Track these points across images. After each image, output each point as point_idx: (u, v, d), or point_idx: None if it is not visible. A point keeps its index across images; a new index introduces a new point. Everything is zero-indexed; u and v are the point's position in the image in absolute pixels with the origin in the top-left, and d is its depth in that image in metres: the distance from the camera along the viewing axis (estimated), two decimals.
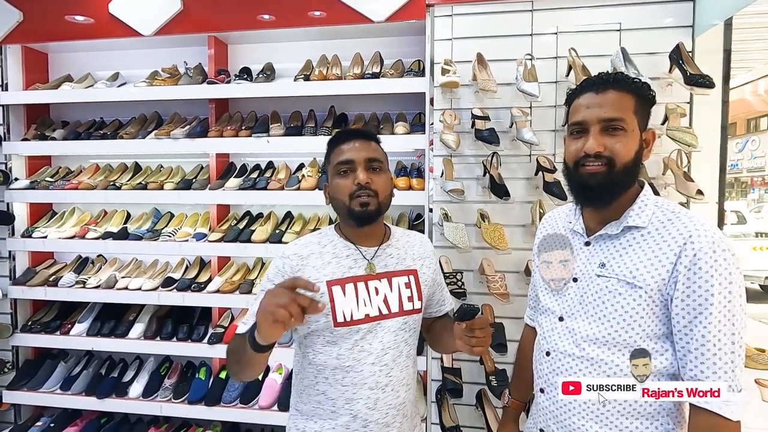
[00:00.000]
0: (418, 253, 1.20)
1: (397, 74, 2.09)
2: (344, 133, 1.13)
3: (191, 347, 2.23)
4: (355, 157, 1.06)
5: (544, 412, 1.07)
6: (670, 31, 1.84)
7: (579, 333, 0.99)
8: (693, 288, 0.87)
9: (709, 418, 0.85)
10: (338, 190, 1.07)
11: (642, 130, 0.97)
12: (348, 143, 1.09)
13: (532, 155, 1.94)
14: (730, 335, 0.85)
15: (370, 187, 1.05)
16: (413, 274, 1.15)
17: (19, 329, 2.39)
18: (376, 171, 1.08)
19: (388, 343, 1.08)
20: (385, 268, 1.12)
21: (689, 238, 0.89)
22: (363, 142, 1.10)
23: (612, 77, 0.97)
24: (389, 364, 1.08)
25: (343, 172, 1.07)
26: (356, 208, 1.04)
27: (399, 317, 1.10)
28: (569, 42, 1.88)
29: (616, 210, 0.99)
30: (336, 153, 1.10)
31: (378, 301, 1.08)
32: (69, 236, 2.32)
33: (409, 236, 1.24)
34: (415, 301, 1.13)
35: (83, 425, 2.36)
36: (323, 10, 2.06)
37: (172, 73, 2.30)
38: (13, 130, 2.44)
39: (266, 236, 2.17)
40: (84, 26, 2.27)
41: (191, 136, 2.23)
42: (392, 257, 1.14)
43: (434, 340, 1.28)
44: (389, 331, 1.08)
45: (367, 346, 1.06)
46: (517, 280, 1.95)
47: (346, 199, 1.05)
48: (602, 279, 0.97)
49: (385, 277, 1.10)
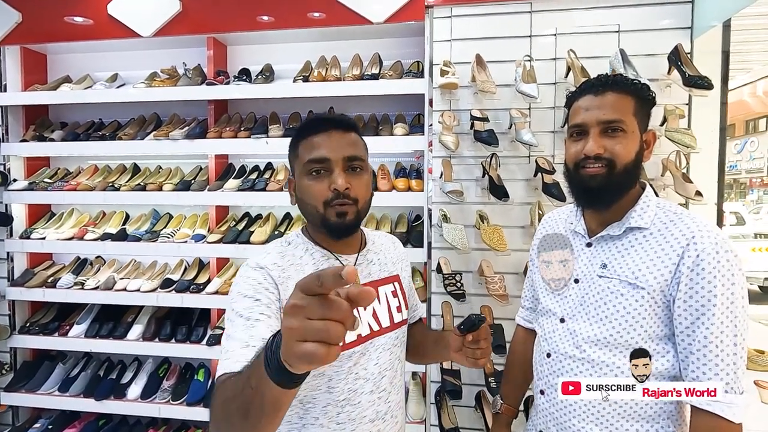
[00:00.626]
0: (395, 256, 1.09)
1: (396, 75, 2.09)
2: (317, 120, 0.91)
3: (190, 349, 2.22)
4: (332, 156, 0.86)
5: (544, 414, 1.07)
6: (669, 33, 1.84)
7: (580, 334, 0.99)
8: (696, 289, 0.87)
9: (711, 420, 0.85)
10: (309, 195, 0.88)
11: (642, 132, 0.97)
12: (322, 135, 0.88)
13: (531, 156, 1.94)
14: (732, 337, 0.85)
15: (349, 194, 0.87)
16: (397, 280, 1.04)
17: (18, 331, 2.38)
18: (356, 171, 0.90)
19: (384, 364, 0.94)
20: (369, 277, 0.97)
21: (692, 239, 0.89)
22: (341, 133, 0.89)
23: (611, 79, 0.97)
24: (387, 388, 0.94)
25: (316, 172, 0.87)
26: (332, 218, 0.87)
27: (391, 332, 0.97)
28: (568, 43, 1.88)
29: (618, 211, 1.00)
30: (306, 146, 0.89)
31: (367, 316, 0.93)
32: (67, 237, 2.32)
33: (380, 237, 1.10)
34: (403, 311, 1.02)
35: (81, 427, 2.35)
36: (322, 11, 2.06)
37: (171, 75, 2.30)
38: (12, 131, 2.44)
39: (265, 237, 2.16)
40: (83, 27, 2.27)
41: (190, 137, 2.22)
42: (374, 264, 1.01)
43: (413, 350, 1.12)
44: (384, 350, 0.95)
45: (362, 372, 0.90)
46: (516, 281, 1.95)
47: (320, 207, 0.87)
48: (604, 280, 0.97)
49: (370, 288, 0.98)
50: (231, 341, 0.77)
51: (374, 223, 2.24)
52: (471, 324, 0.87)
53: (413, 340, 1.11)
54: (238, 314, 0.80)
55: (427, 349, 1.10)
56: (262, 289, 0.84)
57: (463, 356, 0.90)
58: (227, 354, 0.75)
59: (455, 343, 0.90)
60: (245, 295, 0.83)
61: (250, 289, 0.83)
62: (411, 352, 1.11)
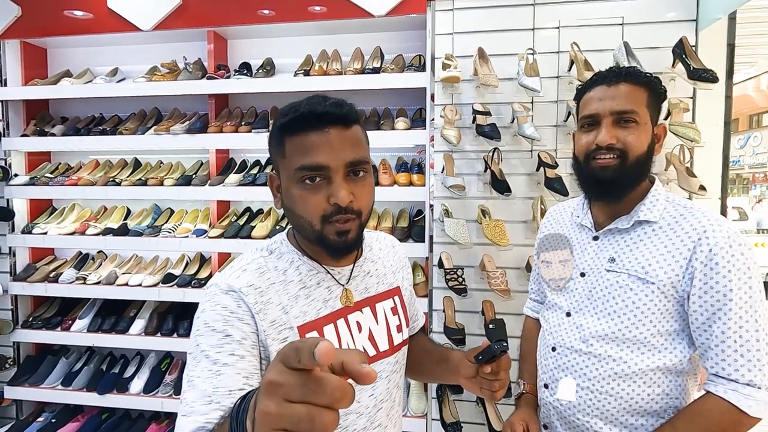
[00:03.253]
0: (395, 263, 0.94)
1: (398, 69, 2.08)
2: (312, 115, 0.69)
3: None
4: (332, 163, 0.69)
5: (548, 408, 1.06)
6: (674, 25, 1.82)
7: (587, 329, 0.98)
8: (711, 284, 0.86)
9: (723, 405, 0.83)
10: (303, 206, 0.72)
11: (654, 125, 0.96)
12: (318, 134, 0.69)
13: (533, 151, 1.93)
14: (754, 332, 0.84)
15: (353, 207, 0.71)
16: (397, 293, 0.90)
17: (20, 325, 2.39)
18: (359, 176, 0.73)
19: (381, 394, 0.81)
20: (365, 292, 0.83)
21: (704, 233, 0.88)
22: (341, 131, 0.70)
23: (624, 70, 0.96)
24: (383, 422, 0.81)
25: (310, 180, 0.70)
26: (331, 236, 0.72)
27: (390, 356, 0.84)
28: (571, 36, 1.86)
29: (627, 205, 0.98)
30: (297, 146, 0.70)
31: (362, 340, 0.80)
32: (69, 232, 2.32)
33: (378, 240, 0.95)
34: (404, 330, 0.88)
35: (84, 421, 2.37)
36: (323, 4, 2.05)
37: (171, 69, 2.29)
38: (13, 126, 2.43)
39: (266, 232, 2.16)
40: (83, 21, 2.25)
41: (191, 132, 2.22)
42: (371, 275, 0.86)
43: (411, 367, 0.98)
44: (381, 379, 0.81)
45: (355, 406, 0.76)
46: (518, 276, 1.95)
47: (316, 222, 0.71)
48: (612, 274, 0.96)
49: (367, 306, 0.82)
50: (192, 390, 0.64)
51: (375, 218, 2.23)
52: (491, 355, 0.74)
53: (413, 356, 0.97)
54: (203, 353, 0.66)
55: (428, 369, 0.97)
56: (234, 320, 0.69)
57: (476, 386, 0.79)
58: (187, 408, 0.63)
59: (467, 370, 0.80)
60: (213, 328, 0.68)
61: (220, 321, 0.68)
62: (409, 368, 0.98)
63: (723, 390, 0.84)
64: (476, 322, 1.98)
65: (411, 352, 0.97)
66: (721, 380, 0.85)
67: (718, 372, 0.86)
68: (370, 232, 0.96)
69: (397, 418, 0.87)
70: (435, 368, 0.93)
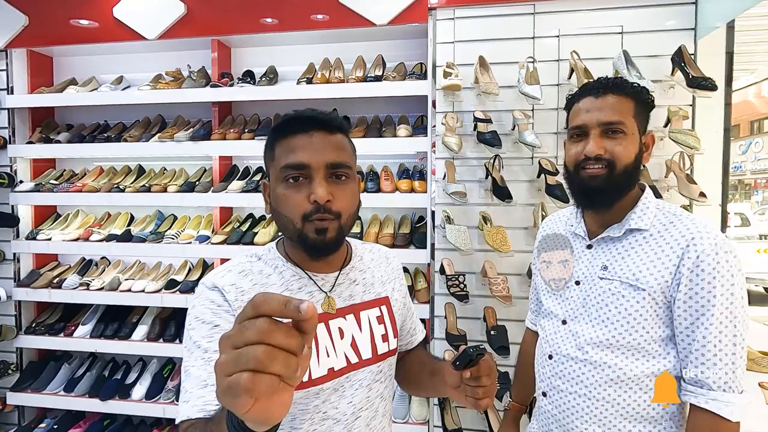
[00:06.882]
0: (387, 274, 0.95)
1: (400, 77, 2.10)
2: (298, 118, 0.77)
3: None
4: (312, 162, 0.74)
5: (546, 416, 1.07)
6: (673, 34, 1.84)
7: (582, 336, 0.99)
8: (695, 290, 0.87)
9: (709, 418, 0.85)
10: (285, 206, 0.76)
11: (641, 134, 0.98)
12: (302, 136, 0.76)
13: (534, 158, 1.94)
14: (732, 337, 0.85)
15: (331, 208, 0.75)
16: (385, 303, 0.90)
17: (24, 331, 2.40)
18: (340, 180, 0.77)
19: (360, 403, 0.81)
20: (350, 299, 0.84)
21: (692, 240, 0.89)
22: (325, 135, 0.77)
23: (611, 81, 0.98)
24: (362, 431, 0.81)
25: (293, 179, 0.75)
26: (310, 234, 0.75)
27: (373, 365, 0.84)
28: (571, 45, 1.88)
29: (618, 213, 1.00)
30: (284, 147, 0.77)
31: (344, 346, 0.80)
32: (73, 238, 2.33)
33: (372, 251, 0.97)
34: (390, 340, 0.88)
35: (86, 427, 2.37)
36: (326, 13, 2.07)
37: (175, 77, 2.31)
38: (19, 133, 2.46)
39: (269, 238, 2.17)
40: (89, 30, 2.29)
41: (194, 139, 2.24)
42: (357, 284, 0.87)
43: (407, 380, 1.00)
44: (361, 387, 0.81)
45: (332, 411, 0.77)
46: (519, 282, 1.95)
47: (297, 220, 0.75)
48: (605, 281, 0.98)
49: (351, 313, 0.83)
50: (189, 379, 0.68)
51: (377, 224, 2.24)
52: (467, 359, 0.72)
53: (410, 369, 0.99)
54: (195, 344, 0.71)
55: (422, 381, 0.95)
56: (221, 312, 0.74)
57: (461, 394, 0.77)
58: (186, 394, 0.67)
59: (452, 379, 0.79)
60: (203, 320, 0.73)
61: (208, 313, 0.74)
62: (405, 382, 1.01)
63: (704, 401, 0.86)
64: (478, 329, 1.98)
65: (408, 365, 0.99)
66: (701, 390, 0.87)
67: (697, 376, 0.87)
68: (364, 244, 0.99)
69: (380, 430, 0.85)
70: (428, 380, 0.93)
